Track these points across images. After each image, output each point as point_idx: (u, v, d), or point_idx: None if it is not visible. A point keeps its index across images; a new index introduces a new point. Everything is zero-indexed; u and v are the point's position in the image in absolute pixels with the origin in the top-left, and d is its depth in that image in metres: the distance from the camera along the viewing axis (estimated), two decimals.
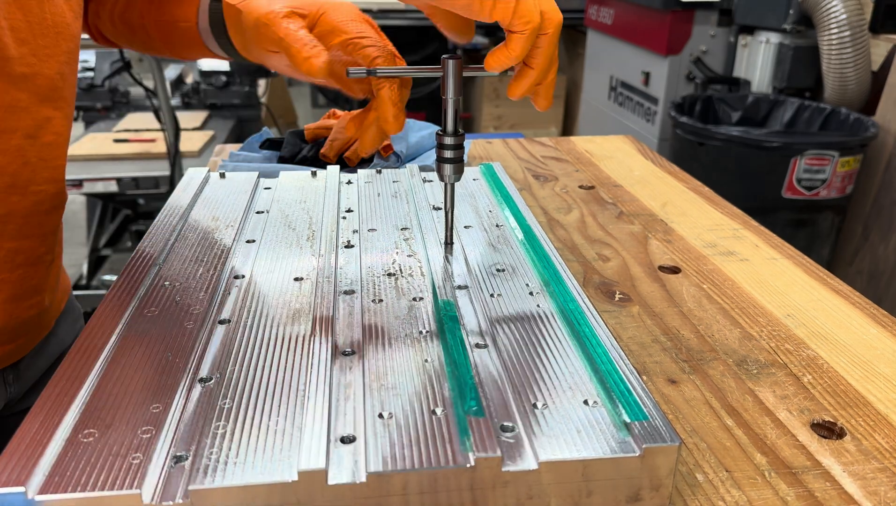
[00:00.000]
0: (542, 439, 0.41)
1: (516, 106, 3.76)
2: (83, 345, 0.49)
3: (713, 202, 0.93)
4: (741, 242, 0.81)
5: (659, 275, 0.73)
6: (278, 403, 0.44)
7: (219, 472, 0.38)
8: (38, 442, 0.39)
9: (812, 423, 0.51)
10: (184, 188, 0.79)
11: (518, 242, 0.68)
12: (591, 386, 0.46)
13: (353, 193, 0.79)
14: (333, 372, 0.47)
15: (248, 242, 0.68)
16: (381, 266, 0.62)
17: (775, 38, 2.20)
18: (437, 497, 0.39)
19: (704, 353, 0.60)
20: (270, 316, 0.54)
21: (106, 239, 2.60)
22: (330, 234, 0.68)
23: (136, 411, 0.43)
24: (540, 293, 0.58)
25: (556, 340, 0.51)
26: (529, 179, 1.01)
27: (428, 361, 0.48)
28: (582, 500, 0.41)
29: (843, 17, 1.96)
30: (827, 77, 2.05)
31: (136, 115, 2.77)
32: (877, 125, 1.91)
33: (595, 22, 2.99)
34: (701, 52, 2.40)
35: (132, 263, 0.62)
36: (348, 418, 0.42)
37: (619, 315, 0.65)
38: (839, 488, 0.45)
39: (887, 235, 1.98)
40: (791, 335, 0.62)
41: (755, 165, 1.86)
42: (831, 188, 1.88)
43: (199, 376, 0.47)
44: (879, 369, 0.58)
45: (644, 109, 2.59)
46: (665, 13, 2.36)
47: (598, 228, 0.85)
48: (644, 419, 0.42)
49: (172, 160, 2.14)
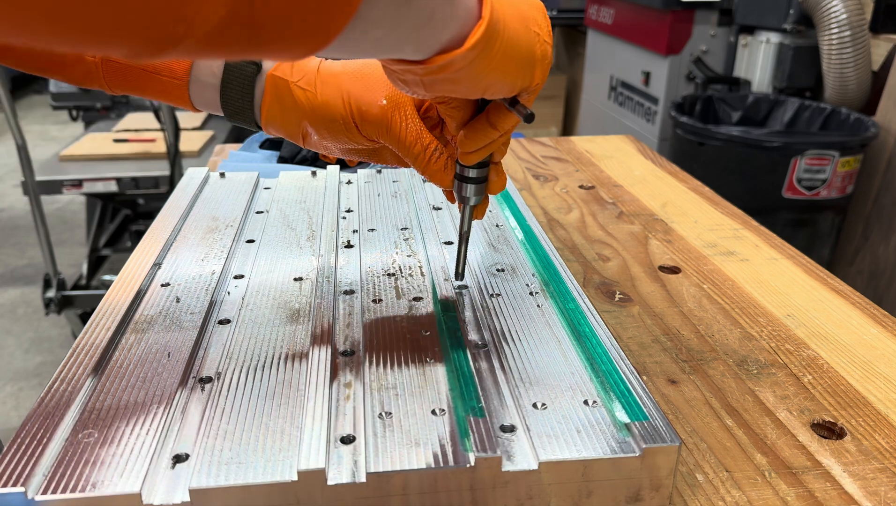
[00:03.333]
0: (543, 439, 0.41)
1: None
2: (83, 345, 0.49)
3: (713, 202, 0.93)
4: (741, 242, 0.81)
5: (659, 275, 0.73)
6: (278, 403, 0.44)
7: (219, 472, 0.38)
8: (38, 442, 0.39)
9: (812, 423, 0.51)
10: (184, 188, 0.79)
11: (518, 242, 0.68)
12: (591, 386, 0.46)
13: (353, 193, 0.79)
14: (333, 372, 0.47)
15: (248, 242, 0.67)
16: (381, 266, 0.62)
17: (775, 38, 2.20)
18: (437, 497, 0.39)
19: (704, 353, 0.59)
20: (270, 316, 0.54)
21: (105, 239, 2.59)
22: (330, 234, 0.68)
23: (136, 411, 0.43)
24: (540, 293, 0.58)
25: (556, 340, 0.51)
26: (529, 179, 1.01)
27: (428, 361, 0.48)
28: (582, 500, 0.41)
29: (844, 16, 1.96)
30: (827, 77, 2.05)
31: (135, 115, 2.77)
32: (877, 125, 1.91)
33: (595, 22, 2.99)
34: (701, 51, 2.39)
35: (132, 263, 0.62)
36: (348, 418, 0.42)
37: (619, 315, 0.65)
38: (839, 488, 0.45)
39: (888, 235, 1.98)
40: (791, 335, 0.62)
41: (755, 165, 1.86)
42: (831, 188, 1.88)
43: (199, 376, 0.47)
44: (879, 369, 0.58)
45: (644, 109, 2.59)
46: (665, 13, 2.36)
47: (598, 228, 0.85)
48: (644, 419, 0.42)
49: (172, 160, 2.14)
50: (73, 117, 2.90)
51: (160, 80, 0.54)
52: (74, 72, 0.54)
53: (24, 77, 5.39)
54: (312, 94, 0.52)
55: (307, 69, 0.53)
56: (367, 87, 0.52)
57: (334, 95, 0.52)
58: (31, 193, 2.07)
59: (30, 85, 5.47)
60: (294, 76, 0.53)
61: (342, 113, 0.52)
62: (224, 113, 0.56)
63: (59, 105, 2.81)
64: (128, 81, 0.54)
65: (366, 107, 0.51)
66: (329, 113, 0.52)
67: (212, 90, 0.55)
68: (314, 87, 0.52)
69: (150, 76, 0.54)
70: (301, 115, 0.53)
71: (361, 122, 0.52)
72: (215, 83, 0.54)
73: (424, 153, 0.52)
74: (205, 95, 0.55)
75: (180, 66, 0.54)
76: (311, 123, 0.53)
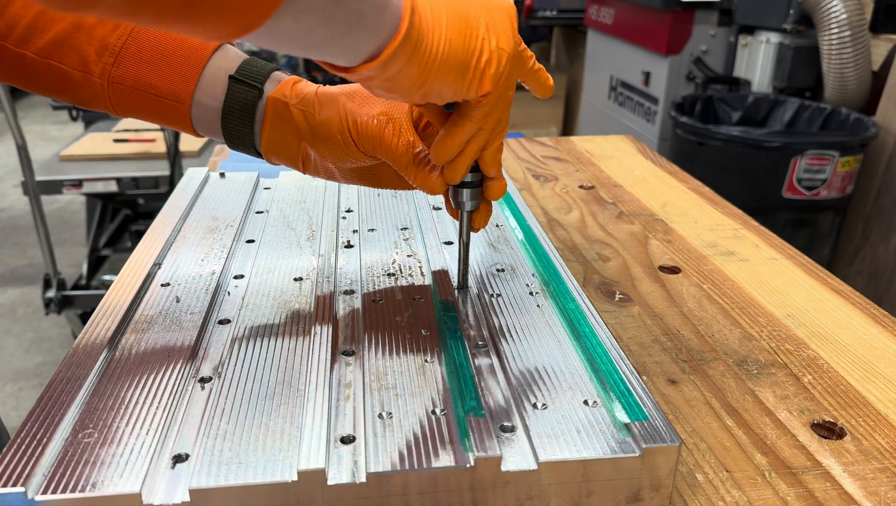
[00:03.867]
0: (542, 439, 0.41)
1: (516, 106, 3.75)
2: (83, 345, 0.49)
3: (713, 202, 0.93)
4: (741, 242, 0.81)
5: (659, 275, 0.73)
6: (278, 403, 0.44)
7: (219, 472, 0.38)
8: (38, 442, 0.39)
9: (812, 423, 0.51)
10: (184, 188, 0.79)
11: (518, 242, 0.68)
12: (591, 386, 0.46)
13: (353, 193, 0.79)
14: (333, 372, 0.47)
15: (248, 242, 0.68)
16: (381, 266, 0.62)
17: (775, 38, 2.20)
18: (437, 497, 0.39)
19: (704, 353, 0.60)
20: (270, 316, 0.54)
21: (105, 239, 2.59)
22: (330, 234, 0.68)
23: (136, 411, 0.43)
24: (540, 293, 0.58)
25: (556, 340, 0.51)
26: (529, 179, 1.01)
27: (428, 361, 0.48)
28: (582, 500, 0.41)
29: (844, 16, 1.96)
30: (827, 77, 2.05)
31: None
32: (877, 125, 1.91)
33: (595, 22, 2.99)
34: (701, 51, 2.39)
35: (132, 263, 0.62)
36: (348, 418, 0.42)
37: (619, 315, 0.65)
38: (839, 489, 0.45)
39: (888, 235, 1.98)
40: (791, 335, 0.62)
41: (755, 165, 1.86)
42: (831, 188, 1.88)
43: (199, 376, 0.47)
44: (879, 369, 0.58)
45: (644, 109, 2.59)
46: (665, 13, 2.36)
47: (598, 228, 0.85)
48: (644, 419, 0.42)
49: (172, 160, 2.14)
50: (73, 117, 2.90)
51: (163, 103, 0.55)
52: (81, 94, 0.55)
53: None
54: (311, 114, 0.53)
55: (305, 93, 0.54)
56: (362, 104, 0.53)
57: (332, 114, 0.53)
58: (31, 193, 2.07)
59: None
60: (293, 100, 0.54)
61: (340, 129, 0.53)
62: (224, 139, 0.56)
63: (59, 105, 2.81)
64: (132, 103, 0.55)
65: (361, 121, 0.52)
66: (327, 131, 0.53)
67: (213, 115, 0.55)
68: (313, 108, 0.53)
69: (153, 99, 0.55)
70: (300, 137, 0.54)
71: (357, 137, 0.52)
72: (217, 107, 0.55)
73: (414, 161, 0.52)
74: (206, 120, 0.56)
75: (184, 90, 0.55)
76: (310, 145, 0.54)
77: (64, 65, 0.54)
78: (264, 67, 0.55)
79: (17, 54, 0.54)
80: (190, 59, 0.55)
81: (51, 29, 0.53)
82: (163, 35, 0.55)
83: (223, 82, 0.55)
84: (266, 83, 0.55)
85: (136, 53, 0.54)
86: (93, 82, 0.54)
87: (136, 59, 0.54)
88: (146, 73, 0.54)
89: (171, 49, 0.54)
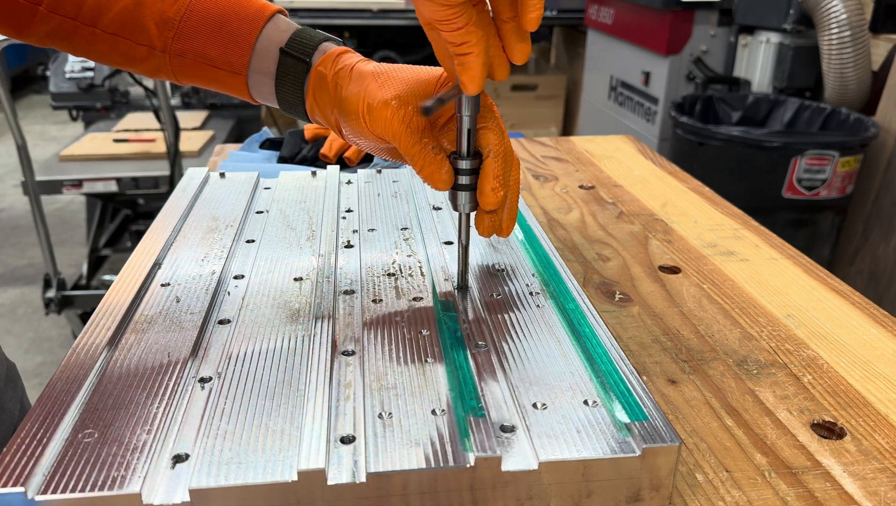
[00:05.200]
0: (543, 439, 0.41)
1: (516, 106, 3.76)
2: (83, 345, 0.49)
3: (713, 202, 0.93)
4: (741, 242, 0.81)
5: (659, 275, 0.73)
6: (278, 403, 0.44)
7: (219, 472, 0.38)
8: (38, 442, 0.39)
9: (812, 423, 0.51)
10: (184, 188, 0.79)
11: (518, 242, 0.68)
12: (591, 386, 0.46)
13: (353, 193, 0.79)
14: (333, 372, 0.47)
15: (248, 242, 0.68)
16: (381, 266, 0.62)
17: (775, 38, 2.20)
18: (437, 497, 0.39)
19: (704, 353, 0.60)
20: (270, 316, 0.54)
21: (105, 239, 2.59)
22: (330, 234, 0.68)
23: (136, 410, 0.43)
24: (540, 293, 0.58)
25: (556, 340, 0.51)
26: (529, 179, 1.01)
27: (428, 360, 0.48)
28: (582, 500, 0.41)
29: (844, 16, 1.96)
30: (827, 77, 2.05)
31: (135, 114, 2.77)
32: (877, 125, 1.91)
33: (595, 22, 2.99)
34: (701, 51, 2.40)
35: (132, 263, 0.62)
36: (348, 418, 0.42)
37: (619, 315, 0.65)
38: (839, 489, 0.45)
39: (888, 235, 1.98)
40: (791, 335, 0.62)
41: (755, 165, 1.86)
42: (831, 188, 1.88)
43: (199, 376, 0.47)
44: (879, 369, 0.58)
45: (644, 109, 2.59)
46: (665, 13, 2.36)
47: (598, 228, 0.85)
48: (644, 419, 0.42)
49: (172, 160, 2.14)
50: (73, 117, 2.90)
51: (222, 74, 0.58)
52: (148, 66, 0.58)
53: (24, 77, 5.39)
54: (341, 87, 0.54)
55: (343, 65, 0.55)
56: (382, 85, 0.52)
57: (356, 90, 0.53)
58: (31, 193, 2.07)
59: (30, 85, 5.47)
60: (331, 71, 0.55)
61: (356, 108, 0.53)
62: (279, 106, 0.58)
63: (59, 105, 2.81)
64: (195, 75, 0.58)
65: (375, 103, 0.52)
66: (349, 107, 0.53)
67: (268, 86, 0.58)
68: (344, 82, 0.54)
69: (213, 70, 0.57)
70: (333, 107, 0.55)
71: (370, 119, 0.52)
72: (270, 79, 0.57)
73: (421, 152, 0.51)
74: (262, 90, 0.58)
75: (239, 62, 0.57)
76: (340, 116, 0.55)
77: (130, 40, 0.57)
78: (313, 39, 0.56)
79: (88, 32, 0.56)
80: (243, 29, 0.57)
81: (115, 5, 0.56)
82: (218, 6, 0.57)
83: (275, 55, 0.57)
84: (314, 54, 0.56)
85: (195, 26, 0.57)
86: (157, 56, 0.57)
87: (195, 32, 0.57)
88: (205, 45, 0.57)
89: (226, 21, 0.57)
